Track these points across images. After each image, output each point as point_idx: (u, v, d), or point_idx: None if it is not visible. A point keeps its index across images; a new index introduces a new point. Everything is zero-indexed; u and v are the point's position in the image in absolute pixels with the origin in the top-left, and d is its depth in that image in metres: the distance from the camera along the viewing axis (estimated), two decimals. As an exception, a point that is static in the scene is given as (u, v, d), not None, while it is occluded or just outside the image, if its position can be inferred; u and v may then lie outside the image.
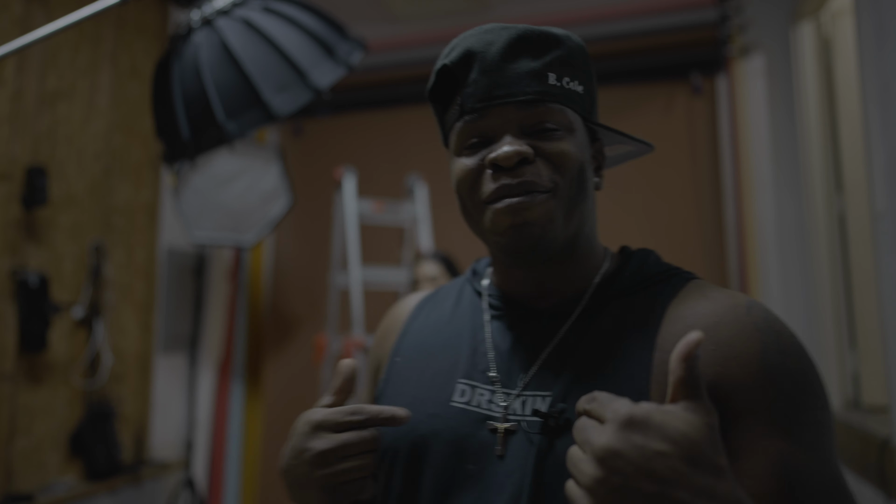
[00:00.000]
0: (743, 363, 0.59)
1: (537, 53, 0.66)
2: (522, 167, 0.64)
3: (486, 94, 0.66)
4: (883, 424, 1.90)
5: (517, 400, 0.67)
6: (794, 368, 0.59)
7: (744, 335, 0.60)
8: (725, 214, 2.76)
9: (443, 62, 0.69)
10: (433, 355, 0.76)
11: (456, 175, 0.70)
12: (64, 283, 2.40)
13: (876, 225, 1.73)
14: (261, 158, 3.01)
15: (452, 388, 0.71)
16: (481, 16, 3.11)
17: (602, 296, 0.70)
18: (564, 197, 0.66)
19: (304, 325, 3.35)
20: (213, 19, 1.10)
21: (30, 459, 2.24)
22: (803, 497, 0.55)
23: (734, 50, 2.72)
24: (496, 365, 0.70)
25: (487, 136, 0.67)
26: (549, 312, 0.71)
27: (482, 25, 0.70)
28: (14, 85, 2.23)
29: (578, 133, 0.68)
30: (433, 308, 0.83)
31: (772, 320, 0.62)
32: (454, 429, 0.68)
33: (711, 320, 0.62)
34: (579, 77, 0.69)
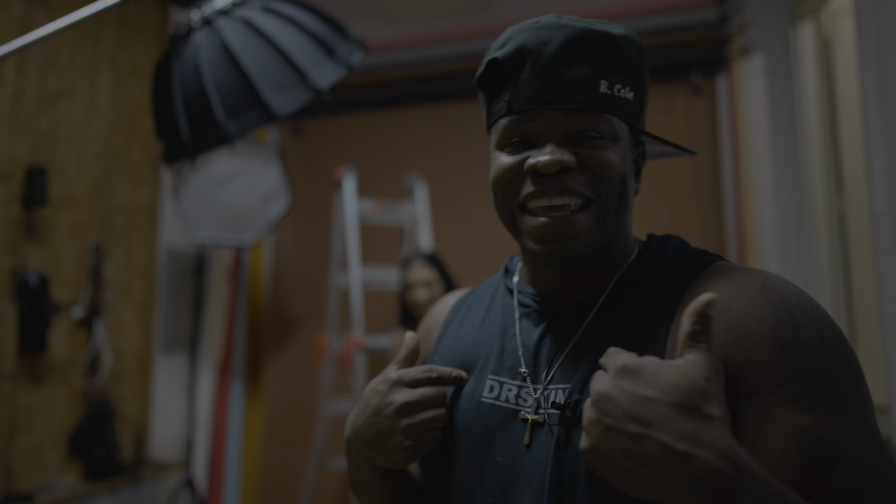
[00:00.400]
0: (754, 340, 0.58)
1: (592, 58, 0.65)
2: (563, 175, 0.65)
3: (534, 97, 0.65)
4: (883, 424, 1.90)
5: (543, 393, 0.69)
6: (811, 342, 0.57)
7: (756, 313, 0.59)
8: (725, 214, 2.76)
9: (494, 54, 0.68)
10: (467, 354, 0.79)
11: (494, 171, 0.70)
12: (64, 283, 2.40)
13: (876, 225, 1.73)
14: (261, 158, 3.01)
15: (483, 385, 0.73)
16: (481, 16, 3.11)
17: (623, 286, 0.70)
18: (605, 207, 0.66)
19: (304, 325, 3.35)
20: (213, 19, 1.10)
21: (30, 459, 2.24)
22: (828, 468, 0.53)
23: (734, 50, 2.72)
24: (524, 360, 0.72)
25: (531, 138, 0.67)
26: (576, 306, 0.72)
27: (538, 18, 0.68)
28: (14, 85, 2.23)
29: (623, 141, 0.68)
30: (470, 308, 0.85)
31: (789, 295, 0.61)
32: (484, 423, 0.71)
33: (724, 301, 0.61)
34: (631, 83, 0.68)
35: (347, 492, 3.10)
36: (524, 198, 0.67)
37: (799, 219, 2.60)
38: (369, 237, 3.06)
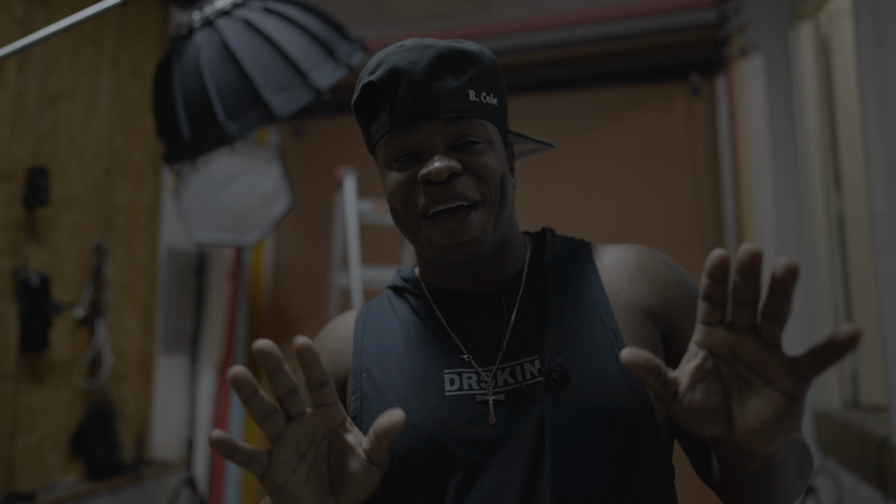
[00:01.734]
0: (670, 286, 0.78)
1: (457, 72, 0.73)
2: (452, 181, 0.72)
3: (413, 112, 0.71)
4: (882, 424, 1.90)
5: (505, 371, 0.74)
6: (690, 282, 0.81)
7: (660, 267, 0.80)
8: (725, 214, 2.76)
9: (368, 79, 0.73)
10: (404, 359, 0.78)
11: (389, 188, 0.76)
12: (65, 283, 2.40)
13: (875, 225, 1.74)
14: (261, 159, 3.01)
15: (441, 380, 0.75)
16: (481, 16, 3.12)
17: (536, 269, 0.81)
18: (492, 206, 0.74)
19: (305, 325, 3.36)
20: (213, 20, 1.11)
21: (31, 459, 2.24)
22: None
23: (733, 50, 2.73)
24: (466, 348, 0.77)
25: (416, 151, 0.73)
26: (495, 293, 0.80)
27: (402, 42, 0.75)
28: (16, 85, 2.24)
29: (496, 143, 0.77)
30: (376, 320, 0.85)
31: (661, 253, 0.83)
32: (457, 414, 0.73)
33: (633, 262, 0.80)
34: (494, 90, 0.76)
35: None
36: (422, 208, 0.73)
37: (798, 219, 2.61)
38: (369, 237, 3.07)
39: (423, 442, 0.72)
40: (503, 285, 0.80)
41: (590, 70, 2.99)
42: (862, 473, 1.93)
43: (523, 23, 3.04)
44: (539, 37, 3.02)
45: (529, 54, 3.02)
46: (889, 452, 1.70)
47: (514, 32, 3.05)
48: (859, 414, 2.17)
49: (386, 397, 0.76)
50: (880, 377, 2.13)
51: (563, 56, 3.00)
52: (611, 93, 2.99)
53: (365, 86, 0.74)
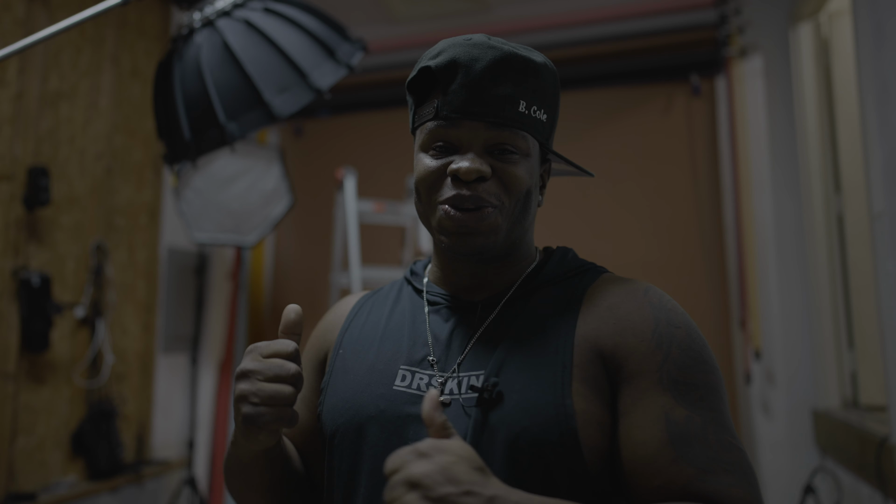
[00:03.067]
0: (637, 332, 0.71)
1: (515, 80, 0.73)
2: (478, 183, 0.72)
3: (462, 107, 0.72)
4: (881, 424, 1.90)
5: (454, 380, 0.75)
6: (681, 338, 0.70)
7: (639, 310, 0.73)
8: (724, 214, 2.77)
9: (427, 63, 0.74)
10: (375, 346, 0.83)
11: (419, 172, 0.77)
12: (66, 283, 2.41)
13: (874, 225, 1.74)
14: (262, 159, 3.02)
15: (395, 374, 0.78)
16: (481, 17, 3.12)
17: (528, 286, 0.80)
18: (509, 214, 0.75)
19: (305, 325, 3.35)
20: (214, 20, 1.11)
21: (32, 459, 2.25)
22: (681, 445, 0.65)
23: (733, 51, 2.73)
24: (434, 351, 0.78)
25: (455, 145, 0.74)
26: (483, 303, 0.80)
27: (470, 36, 0.76)
28: (16, 86, 2.24)
29: (533, 158, 0.77)
30: (374, 305, 0.90)
31: (665, 300, 0.75)
32: (396, 409, 0.75)
33: (615, 300, 0.75)
34: (546, 106, 0.77)
35: None
36: (443, 199, 0.74)
37: (797, 219, 2.61)
38: (370, 237, 3.07)
39: (357, 424, 0.76)
40: (487, 297, 0.80)
41: (590, 70, 2.99)
42: (861, 473, 1.93)
43: (523, 23, 3.04)
44: (539, 37, 3.03)
45: (529, 54, 3.02)
46: (888, 452, 1.70)
47: (514, 32, 3.06)
48: (859, 414, 2.17)
49: (348, 376, 0.81)
50: (880, 377, 2.14)
51: (563, 56, 3.01)
52: (611, 93, 2.99)
53: (422, 69, 0.74)
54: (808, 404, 2.52)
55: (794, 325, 2.59)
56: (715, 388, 0.69)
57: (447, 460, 0.56)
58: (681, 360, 0.69)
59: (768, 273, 2.63)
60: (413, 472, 0.55)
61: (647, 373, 0.68)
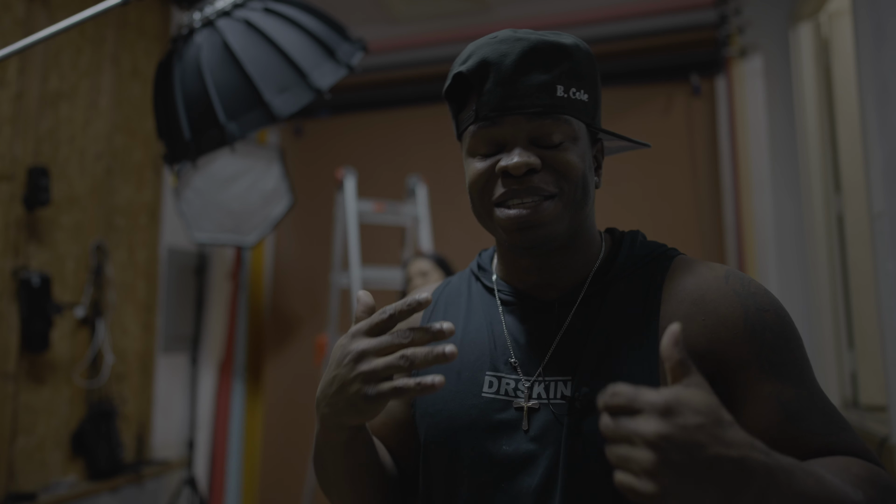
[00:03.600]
0: (730, 326, 0.71)
1: (547, 66, 0.72)
2: (530, 176, 0.71)
3: (499, 105, 0.72)
4: (881, 424, 1.90)
5: (540, 384, 0.75)
6: (771, 321, 0.71)
7: (726, 302, 0.72)
8: (724, 214, 2.77)
9: (459, 69, 0.74)
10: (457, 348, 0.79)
11: (470, 176, 0.76)
12: (66, 283, 2.41)
13: (874, 225, 1.74)
14: (262, 159, 3.02)
15: (482, 381, 0.78)
16: (481, 17, 3.12)
17: (601, 281, 0.78)
18: (570, 201, 0.73)
19: (305, 325, 3.36)
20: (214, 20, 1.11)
21: (32, 459, 2.25)
22: (800, 420, 0.68)
23: (733, 51, 2.73)
24: (515, 353, 0.78)
25: (499, 143, 0.74)
26: (558, 302, 0.78)
27: (496, 34, 0.75)
28: (16, 86, 2.24)
29: (582, 141, 0.75)
30: (448, 304, 0.88)
31: (746, 282, 0.74)
32: (488, 416, 0.75)
33: (698, 294, 0.73)
34: (585, 86, 0.75)
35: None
36: (498, 198, 0.73)
37: (797, 219, 2.61)
38: (370, 237, 3.07)
39: (452, 435, 0.77)
40: (562, 295, 0.79)
41: (590, 70, 2.99)
42: (861, 473, 1.93)
43: (523, 23, 3.04)
44: (539, 37, 3.02)
45: (529, 55, 3.03)
46: (888, 452, 1.70)
47: (514, 33, 3.06)
48: (859, 414, 2.17)
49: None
50: (880, 377, 2.14)
51: (563, 56, 3.01)
52: (611, 93, 2.99)
53: (455, 76, 0.74)
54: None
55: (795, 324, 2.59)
56: (806, 359, 0.73)
57: (694, 422, 0.51)
58: (776, 343, 0.70)
59: (768, 273, 2.63)
60: (650, 430, 0.51)
61: (748, 364, 0.69)
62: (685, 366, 0.55)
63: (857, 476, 0.63)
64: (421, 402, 0.82)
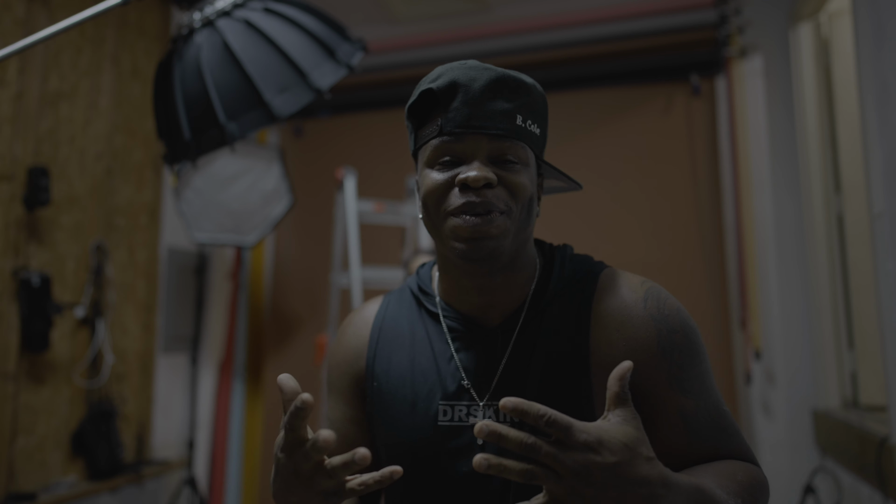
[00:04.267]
0: (646, 349, 0.79)
1: (510, 97, 0.79)
2: (486, 190, 0.77)
3: (465, 122, 0.77)
4: (881, 424, 1.90)
5: (490, 409, 0.81)
6: (680, 342, 0.80)
7: (644, 327, 0.80)
8: (724, 214, 2.77)
9: (429, 86, 0.79)
10: (408, 380, 0.86)
11: (426, 186, 0.80)
12: (66, 283, 2.41)
13: (874, 225, 1.74)
14: (262, 159, 3.02)
15: (436, 410, 0.83)
16: (481, 17, 3.12)
17: (538, 304, 0.84)
18: (516, 219, 0.79)
19: (305, 325, 3.36)
20: (214, 20, 1.11)
21: (32, 459, 2.25)
22: (697, 429, 0.78)
23: (733, 51, 2.73)
24: (466, 376, 0.83)
25: (459, 158, 0.79)
26: (500, 328, 0.84)
27: (465, 61, 0.82)
28: (16, 86, 2.24)
29: (531, 168, 0.81)
30: (394, 331, 0.92)
31: (662, 304, 0.82)
32: (445, 445, 0.81)
33: (620, 320, 0.81)
34: (538, 122, 0.82)
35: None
36: (453, 209, 0.78)
37: (797, 219, 2.61)
38: (369, 237, 3.07)
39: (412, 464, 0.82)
40: (503, 322, 0.84)
41: (590, 70, 2.99)
42: (861, 473, 1.93)
43: (523, 23, 3.04)
44: (539, 37, 3.03)
45: (529, 55, 3.03)
46: (888, 452, 1.70)
47: (513, 33, 3.06)
48: (859, 414, 2.17)
49: (389, 411, 0.86)
50: (880, 377, 2.14)
51: (562, 56, 3.01)
52: (611, 93, 2.99)
53: (423, 92, 0.80)
54: (808, 404, 2.52)
55: (794, 325, 2.59)
56: (708, 371, 0.82)
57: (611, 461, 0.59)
58: (682, 361, 0.79)
59: (768, 273, 2.63)
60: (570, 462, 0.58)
61: (659, 383, 0.79)
62: (622, 399, 0.63)
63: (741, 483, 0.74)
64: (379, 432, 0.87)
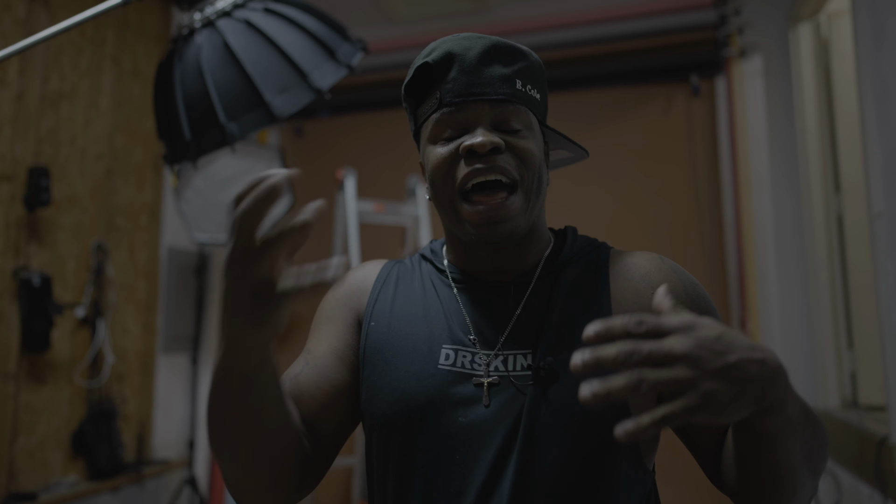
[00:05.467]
0: (675, 295, 0.77)
1: (507, 62, 0.77)
2: (494, 155, 0.75)
3: (463, 91, 0.75)
4: (880, 424, 1.90)
5: (497, 358, 0.78)
6: (702, 293, 0.82)
7: (669, 278, 0.80)
8: (724, 214, 2.77)
9: (424, 60, 0.78)
10: (410, 324, 0.83)
11: (431, 162, 0.78)
12: (66, 283, 2.41)
13: (873, 225, 1.74)
14: (262, 159, 3.02)
15: (438, 353, 0.79)
16: (481, 17, 3.13)
17: (552, 265, 0.83)
18: (528, 190, 0.77)
19: (305, 325, 3.36)
20: (214, 20, 1.11)
21: (32, 458, 2.25)
22: None
23: (733, 51, 2.73)
24: (473, 328, 0.80)
25: (462, 128, 0.77)
26: (512, 283, 0.82)
27: (457, 34, 0.80)
28: (17, 86, 2.24)
29: (536, 133, 0.80)
30: (400, 278, 0.89)
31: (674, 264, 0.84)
32: (444, 388, 0.77)
33: (643, 272, 0.80)
34: (538, 87, 0.81)
35: (349, 490, 3.11)
36: (461, 181, 0.75)
37: (797, 219, 2.61)
38: (370, 237, 3.07)
39: (409, 413, 0.77)
40: (517, 276, 0.82)
41: (590, 70, 2.99)
42: (861, 473, 1.94)
43: (523, 23, 3.04)
44: (539, 37, 3.03)
45: (529, 55, 3.03)
46: (888, 452, 1.70)
47: (514, 33, 3.06)
48: (858, 414, 2.17)
49: (384, 354, 0.81)
50: (879, 377, 2.14)
51: (562, 56, 3.01)
52: (611, 93, 2.99)
53: (419, 68, 0.78)
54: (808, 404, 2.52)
55: (794, 325, 2.59)
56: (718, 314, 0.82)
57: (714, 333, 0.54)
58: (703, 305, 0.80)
59: (768, 273, 2.63)
60: (683, 346, 0.52)
61: None
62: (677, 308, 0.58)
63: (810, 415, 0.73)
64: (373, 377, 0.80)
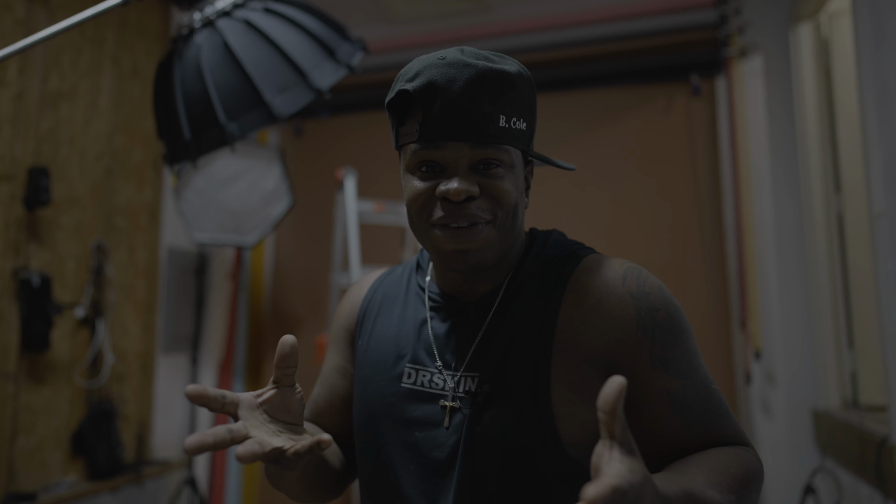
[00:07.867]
0: (623, 328, 0.76)
1: (493, 95, 0.75)
2: (468, 203, 0.75)
3: (444, 130, 0.74)
4: (881, 424, 1.90)
5: (454, 379, 0.81)
6: (662, 319, 0.77)
7: (621, 304, 0.77)
8: (724, 215, 2.77)
9: (405, 86, 0.75)
10: (385, 342, 0.89)
11: (408, 193, 0.80)
12: (66, 283, 2.41)
13: (874, 225, 1.74)
14: (262, 159, 3.02)
15: (401, 371, 0.85)
16: (481, 17, 3.12)
17: (515, 282, 0.84)
18: (501, 227, 0.78)
19: (305, 326, 3.36)
20: (214, 20, 1.11)
21: (32, 459, 2.25)
22: (685, 409, 0.75)
23: (733, 51, 2.73)
24: (437, 350, 0.84)
25: (440, 166, 0.77)
26: (477, 304, 0.84)
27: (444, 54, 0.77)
28: (17, 86, 2.24)
29: (517, 167, 0.79)
30: (385, 294, 0.95)
31: (642, 282, 0.79)
32: (404, 405, 0.83)
33: (596, 297, 0.78)
34: (525, 115, 0.79)
35: (349, 491, 3.11)
36: (436, 220, 0.77)
37: (797, 219, 2.61)
38: (370, 237, 3.07)
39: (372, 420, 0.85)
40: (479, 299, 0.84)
41: (590, 70, 2.99)
42: (861, 473, 1.93)
43: (523, 23, 3.04)
44: (539, 37, 3.03)
45: (529, 55, 3.03)
46: (888, 452, 1.70)
47: (513, 33, 3.06)
48: (859, 414, 2.17)
49: (364, 370, 0.89)
50: (880, 377, 2.14)
51: (562, 56, 3.01)
52: (611, 93, 2.99)
53: (401, 92, 0.76)
54: (808, 404, 2.52)
55: (794, 325, 2.59)
56: (694, 350, 0.79)
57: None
58: (665, 339, 0.76)
59: (768, 273, 2.63)
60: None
61: (640, 363, 0.75)
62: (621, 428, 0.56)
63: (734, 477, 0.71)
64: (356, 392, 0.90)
